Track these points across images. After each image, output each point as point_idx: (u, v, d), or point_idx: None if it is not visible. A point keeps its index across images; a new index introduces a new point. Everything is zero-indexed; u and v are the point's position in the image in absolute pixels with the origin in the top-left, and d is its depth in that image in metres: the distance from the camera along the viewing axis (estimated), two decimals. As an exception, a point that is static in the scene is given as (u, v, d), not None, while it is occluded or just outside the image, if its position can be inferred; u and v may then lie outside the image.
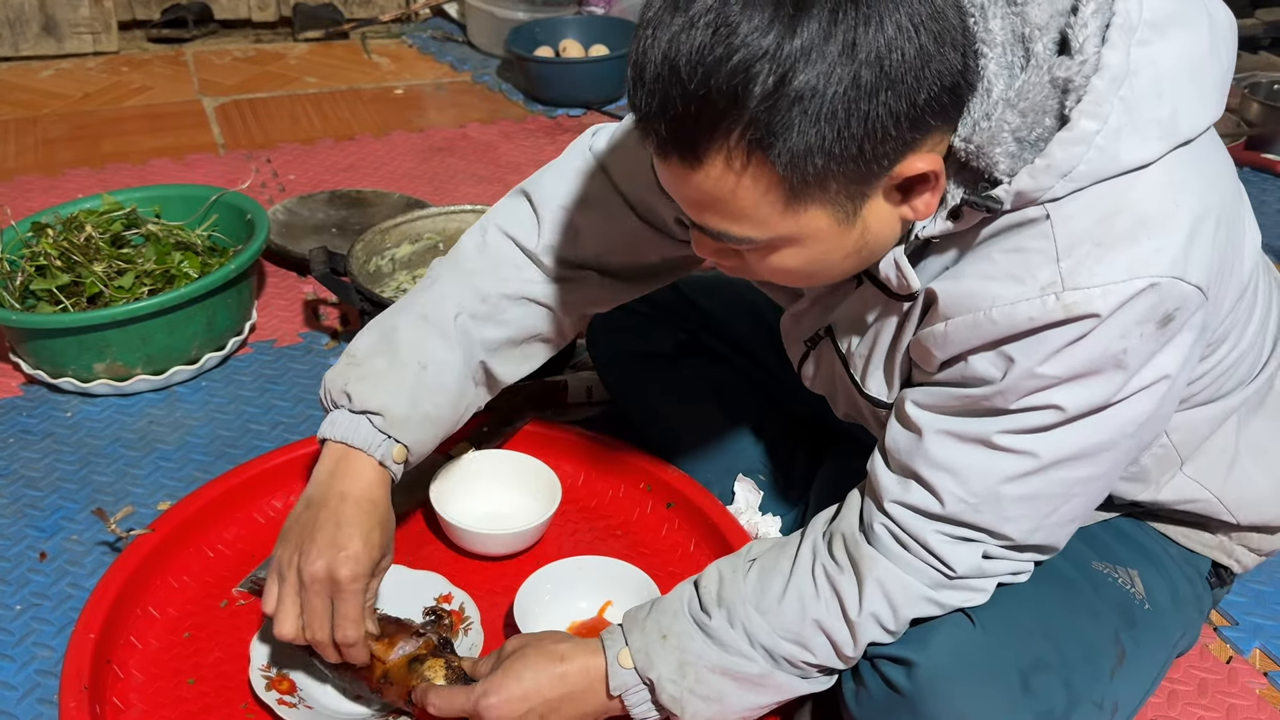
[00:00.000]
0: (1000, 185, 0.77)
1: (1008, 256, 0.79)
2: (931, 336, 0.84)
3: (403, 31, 3.02)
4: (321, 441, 1.04)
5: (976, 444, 0.84)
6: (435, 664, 0.99)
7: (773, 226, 0.77)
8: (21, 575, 1.25)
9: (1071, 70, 0.74)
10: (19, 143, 2.32)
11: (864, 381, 0.95)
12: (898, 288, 0.85)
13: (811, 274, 0.84)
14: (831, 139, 0.70)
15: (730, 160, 0.73)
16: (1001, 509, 0.85)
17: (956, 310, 0.81)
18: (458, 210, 1.75)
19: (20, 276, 1.54)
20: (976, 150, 0.76)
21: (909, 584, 0.87)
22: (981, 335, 0.80)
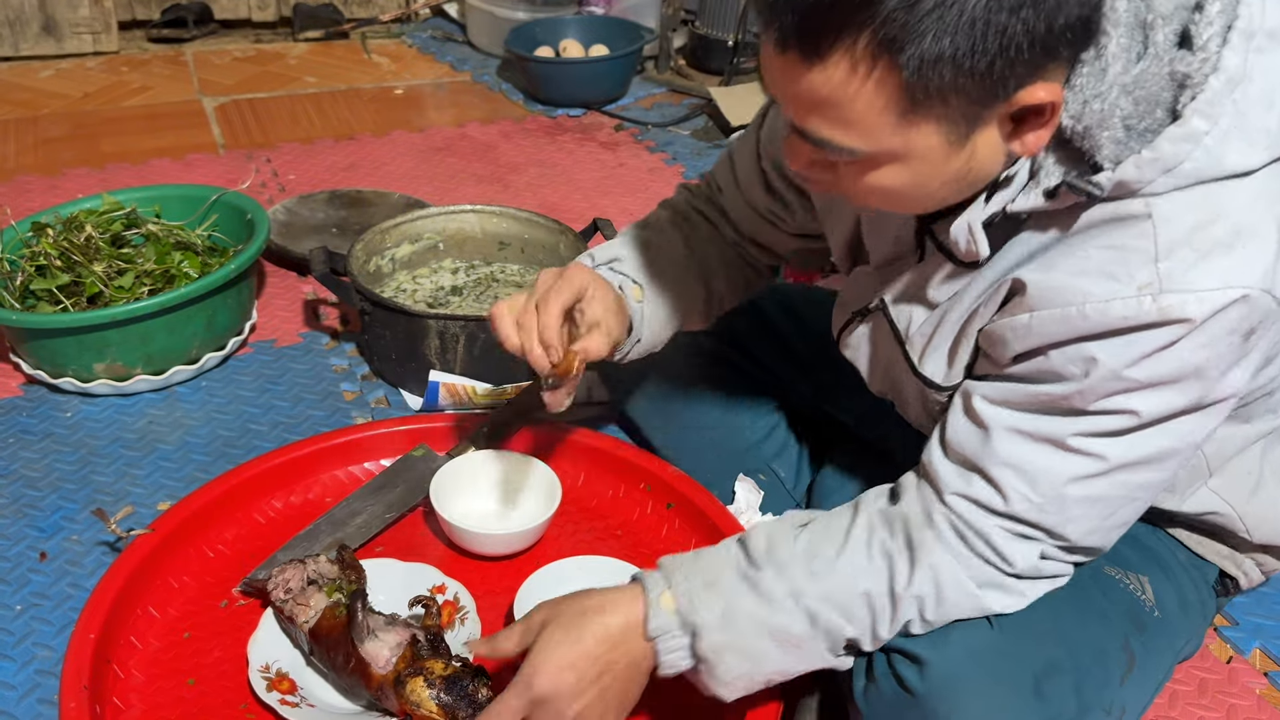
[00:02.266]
0: (1103, 171, 0.76)
1: (1105, 253, 0.78)
2: (1012, 327, 0.83)
3: (403, 31, 3.02)
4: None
5: (1048, 444, 0.83)
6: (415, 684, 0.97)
7: (882, 139, 0.74)
8: (22, 575, 1.25)
9: (1192, 66, 0.73)
10: (19, 142, 2.32)
11: (920, 362, 0.94)
12: (964, 254, 0.84)
13: (906, 197, 0.81)
14: (965, 50, 0.68)
15: (855, 59, 0.70)
16: (1065, 510, 0.84)
17: (1045, 303, 0.80)
18: (458, 210, 1.75)
19: (20, 276, 1.54)
20: (1084, 131, 0.75)
21: (960, 576, 0.87)
22: (1069, 330, 0.79)
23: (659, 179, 2.26)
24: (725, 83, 2.63)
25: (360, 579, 1.10)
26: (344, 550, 1.12)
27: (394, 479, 1.30)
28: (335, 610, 1.06)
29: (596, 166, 2.30)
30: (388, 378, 1.59)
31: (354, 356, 1.66)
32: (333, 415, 1.52)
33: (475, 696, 0.97)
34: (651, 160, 2.34)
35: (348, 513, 1.25)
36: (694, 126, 2.51)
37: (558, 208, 2.10)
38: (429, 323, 1.47)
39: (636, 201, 2.16)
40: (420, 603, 1.08)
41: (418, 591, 1.12)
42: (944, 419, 0.90)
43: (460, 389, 1.47)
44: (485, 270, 1.76)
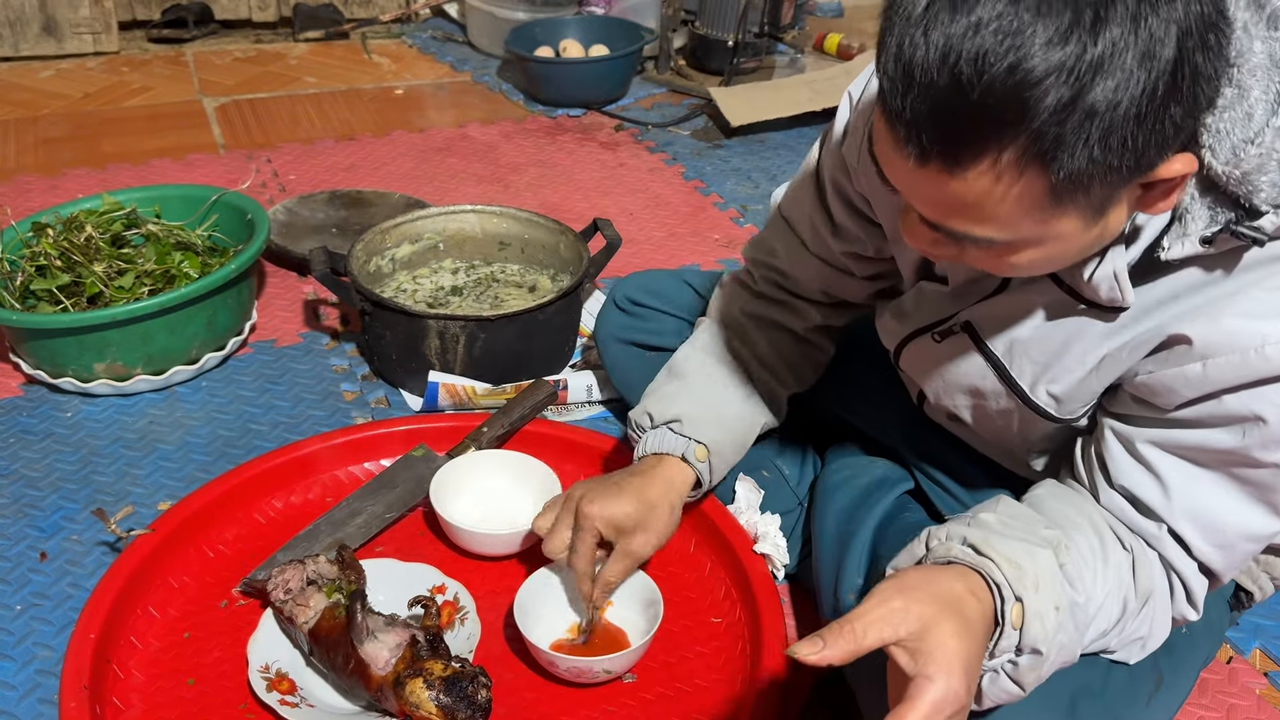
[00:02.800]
0: (1264, 215, 0.74)
1: (1273, 295, 0.77)
2: (1181, 377, 0.81)
3: (403, 31, 3.02)
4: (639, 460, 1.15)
5: (1227, 497, 0.84)
6: (414, 685, 0.97)
7: (1022, 229, 0.74)
8: (22, 575, 1.25)
9: None
10: (19, 143, 2.32)
11: (1033, 390, 0.93)
12: (1107, 300, 0.83)
13: (1038, 269, 0.80)
14: (1115, 150, 0.67)
15: (999, 169, 0.69)
16: (1232, 558, 0.87)
17: (1218, 350, 0.79)
18: (458, 210, 1.75)
19: (20, 276, 1.54)
20: (1241, 176, 0.74)
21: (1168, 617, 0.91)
22: (1248, 374, 0.78)
23: (659, 179, 2.26)
24: (725, 83, 2.63)
25: (360, 579, 1.10)
26: (344, 550, 1.12)
27: (394, 479, 1.30)
28: (335, 611, 1.06)
29: (597, 166, 2.30)
30: (388, 378, 1.59)
31: (354, 356, 1.66)
32: (333, 415, 1.52)
33: (474, 698, 0.97)
34: (652, 160, 2.34)
35: (348, 513, 1.25)
36: (694, 127, 2.51)
37: (558, 208, 2.11)
38: (429, 323, 1.47)
39: (637, 201, 2.16)
40: (419, 603, 1.08)
41: (418, 592, 1.13)
42: (1101, 460, 0.90)
43: (460, 389, 1.47)
44: (485, 270, 1.76)
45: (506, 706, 1.05)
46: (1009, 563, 0.80)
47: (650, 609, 1.10)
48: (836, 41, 2.85)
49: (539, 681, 1.08)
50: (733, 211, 2.13)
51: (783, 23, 2.70)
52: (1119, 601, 0.86)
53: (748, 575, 1.16)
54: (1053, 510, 0.89)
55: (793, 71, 2.76)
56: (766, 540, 1.22)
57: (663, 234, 2.04)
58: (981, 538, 0.82)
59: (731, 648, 1.12)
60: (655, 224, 2.08)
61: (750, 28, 2.61)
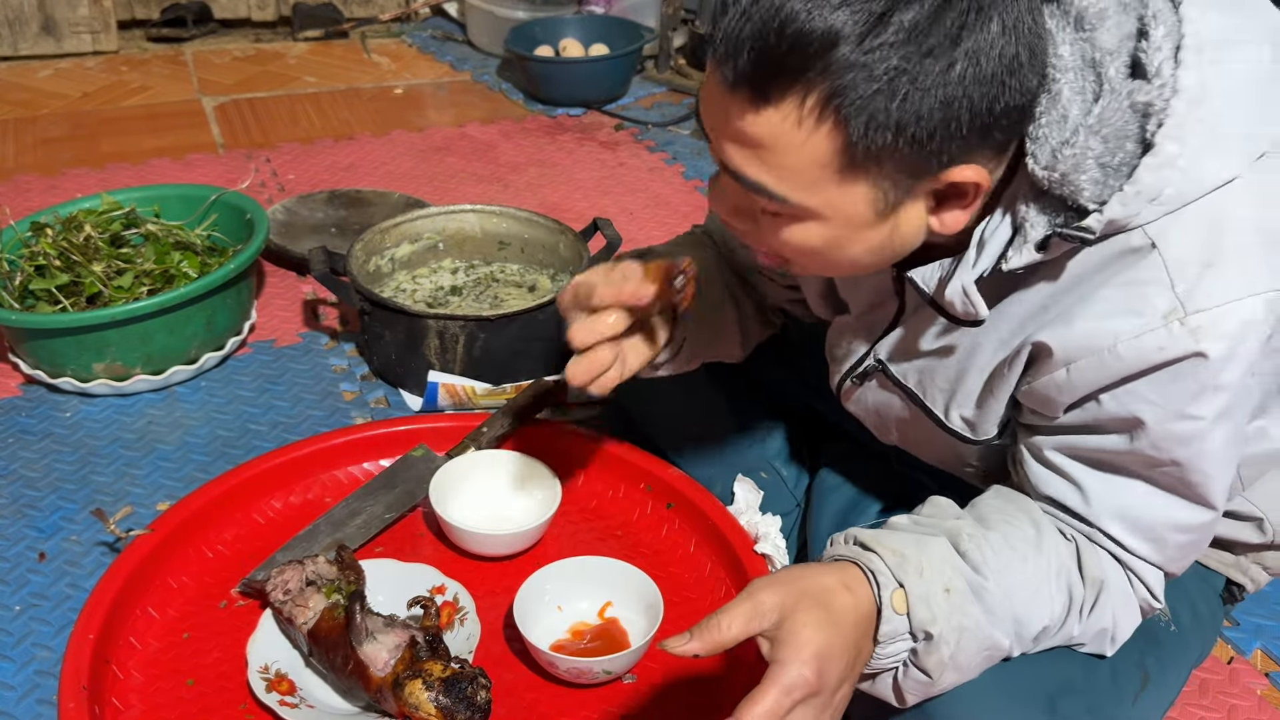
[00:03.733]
0: (1090, 214, 0.76)
1: (1121, 291, 0.78)
2: (1053, 384, 0.83)
3: (402, 31, 3.02)
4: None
5: (1137, 492, 0.85)
6: (413, 687, 0.97)
7: (813, 192, 0.76)
8: (21, 575, 1.25)
9: (1151, 94, 0.73)
10: (18, 142, 2.32)
11: (947, 416, 0.94)
12: (962, 315, 0.84)
13: (822, 256, 0.82)
14: (910, 117, 0.70)
15: (804, 110, 0.71)
16: (1165, 549, 0.87)
17: (1077, 354, 0.80)
18: (457, 210, 1.75)
19: (19, 276, 1.54)
20: (1061, 178, 0.75)
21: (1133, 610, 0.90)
22: (1110, 373, 0.79)
23: (659, 179, 2.26)
24: (725, 82, 2.63)
25: (359, 580, 1.09)
26: (343, 551, 1.12)
27: (394, 479, 1.30)
28: (334, 611, 1.05)
29: (596, 166, 2.30)
30: (387, 378, 1.59)
31: (353, 356, 1.66)
32: (332, 415, 1.52)
33: (474, 699, 0.97)
34: (651, 160, 2.34)
35: (347, 513, 1.25)
36: (694, 126, 2.51)
37: (558, 207, 2.10)
38: (429, 323, 1.47)
39: (637, 201, 2.16)
40: (419, 603, 1.08)
41: (417, 592, 1.12)
42: (1023, 471, 0.90)
43: (460, 389, 1.47)
44: (485, 270, 1.75)
45: (506, 707, 1.05)
46: (892, 552, 0.81)
47: (650, 609, 1.10)
48: (836, 41, 2.85)
49: (539, 682, 1.08)
50: (732, 211, 2.13)
51: (782, 22, 2.70)
52: (1060, 589, 0.85)
53: (748, 575, 1.15)
54: (989, 507, 0.90)
55: (792, 71, 2.75)
56: (767, 541, 1.22)
57: (663, 234, 2.04)
58: (871, 535, 0.84)
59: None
60: (655, 224, 2.08)
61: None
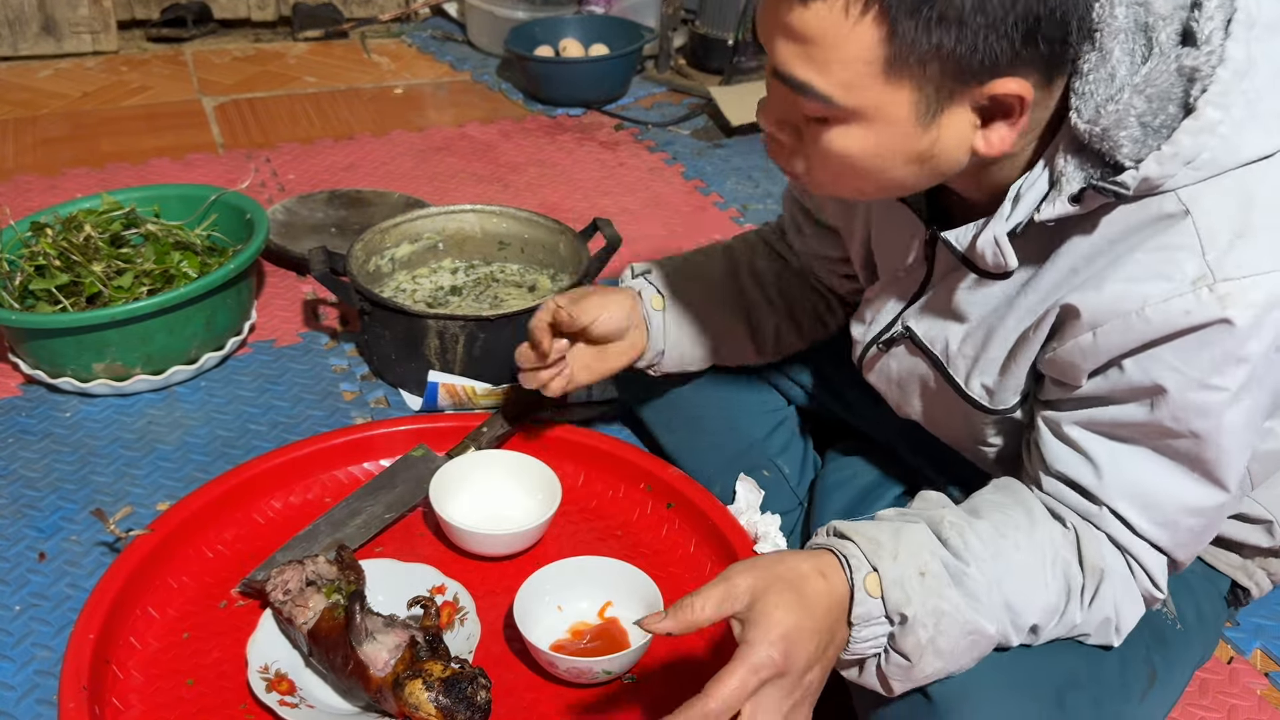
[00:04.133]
0: (1125, 171, 0.77)
1: (1152, 256, 0.78)
2: (1078, 349, 0.83)
3: (402, 31, 3.02)
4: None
5: (1154, 468, 0.84)
6: (413, 687, 0.97)
7: (856, 90, 0.76)
8: (21, 576, 1.25)
9: (1199, 60, 0.74)
10: (18, 142, 2.32)
11: (966, 383, 0.94)
12: (992, 266, 0.85)
13: (865, 169, 0.81)
14: (954, 18, 0.71)
15: (846, 3, 0.73)
16: (1178, 533, 0.86)
17: (1104, 317, 0.80)
18: (457, 210, 1.75)
19: (19, 276, 1.54)
20: (1102, 133, 0.76)
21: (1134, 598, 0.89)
22: (1135, 337, 0.79)
23: (659, 179, 2.26)
24: (725, 82, 2.63)
25: (359, 580, 1.09)
26: (343, 551, 1.12)
27: (394, 479, 1.30)
28: (334, 611, 1.05)
29: (596, 166, 2.30)
30: (387, 378, 1.59)
31: (353, 356, 1.66)
32: (332, 415, 1.52)
33: (474, 699, 0.97)
34: (651, 160, 2.34)
35: (347, 513, 1.25)
36: (694, 126, 2.51)
37: (558, 207, 2.10)
38: (428, 323, 1.47)
39: (637, 201, 2.16)
40: (419, 603, 1.08)
41: (417, 592, 1.12)
42: (1037, 450, 0.90)
43: (460, 389, 1.47)
44: (485, 270, 1.75)
45: (506, 707, 1.05)
46: (867, 539, 0.83)
47: (650, 609, 1.10)
48: (836, 41, 2.84)
49: (539, 682, 1.08)
50: (733, 211, 2.13)
51: (782, 22, 2.70)
52: (1056, 576, 0.85)
53: (748, 575, 1.15)
54: (983, 499, 0.90)
55: (792, 71, 2.75)
56: (767, 540, 1.22)
57: (663, 234, 2.04)
58: (850, 525, 0.86)
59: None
60: (655, 224, 2.08)
61: (750, 26, 2.60)
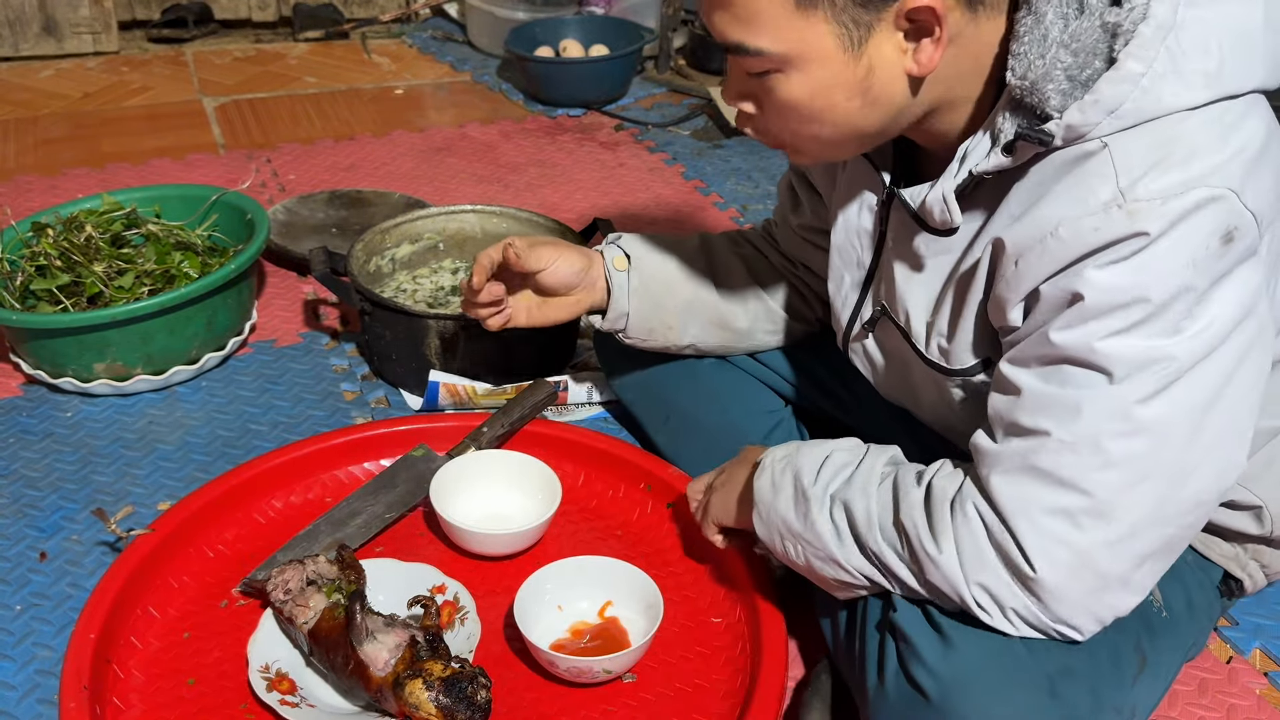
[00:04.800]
0: (1051, 120, 0.80)
1: (1069, 186, 0.82)
2: (1004, 283, 0.86)
3: (403, 31, 3.02)
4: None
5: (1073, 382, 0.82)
6: (414, 686, 0.97)
7: (780, 35, 0.83)
8: (21, 575, 1.25)
9: (1121, 16, 0.79)
10: (19, 142, 2.32)
11: (926, 348, 0.98)
12: (939, 223, 0.91)
13: (815, 110, 0.87)
14: None
15: None
16: (1100, 451, 0.81)
17: (1024, 244, 0.83)
18: (458, 210, 1.75)
19: (20, 276, 1.54)
20: (1031, 86, 0.81)
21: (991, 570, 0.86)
22: (1052, 259, 0.81)
23: (659, 179, 2.26)
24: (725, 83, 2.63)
25: (360, 579, 1.10)
26: (344, 550, 1.12)
27: (394, 479, 1.30)
28: (334, 611, 1.06)
29: (596, 166, 2.30)
30: (388, 378, 1.59)
31: (354, 356, 1.66)
32: (333, 415, 1.52)
33: (474, 698, 0.97)
34: (651, 160, 2.34)
35: (348, 513, 1.25)
36: (694, 126, 2.51)
37: (558, 208, 2.11)
38: (429, 323, 1.47)
39: (637, 201, 2.16)
40: (419, 603, 1.08)
41: (417, 591, 1.12)
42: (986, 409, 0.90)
43: (460, 389, 1.47)
44: (485, 270, 1.75)
45: (506, 706, 1.05)
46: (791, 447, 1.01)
47: (650, 609, 1.10)
48: (836, 41, 2.85)
49: (539, 681, 1.08)
50: (733, 211, 2.13)
51: (783, 22, 2.70)
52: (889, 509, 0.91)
53: (747, 575, 1.16)
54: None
55: (793, 71, 2.76)
56: (766, 540, 1.22)
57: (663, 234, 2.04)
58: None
59: (731, 648, 1.12)
60: (655, 224, 2.08)
61: None
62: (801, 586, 1.10)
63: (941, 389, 0.99)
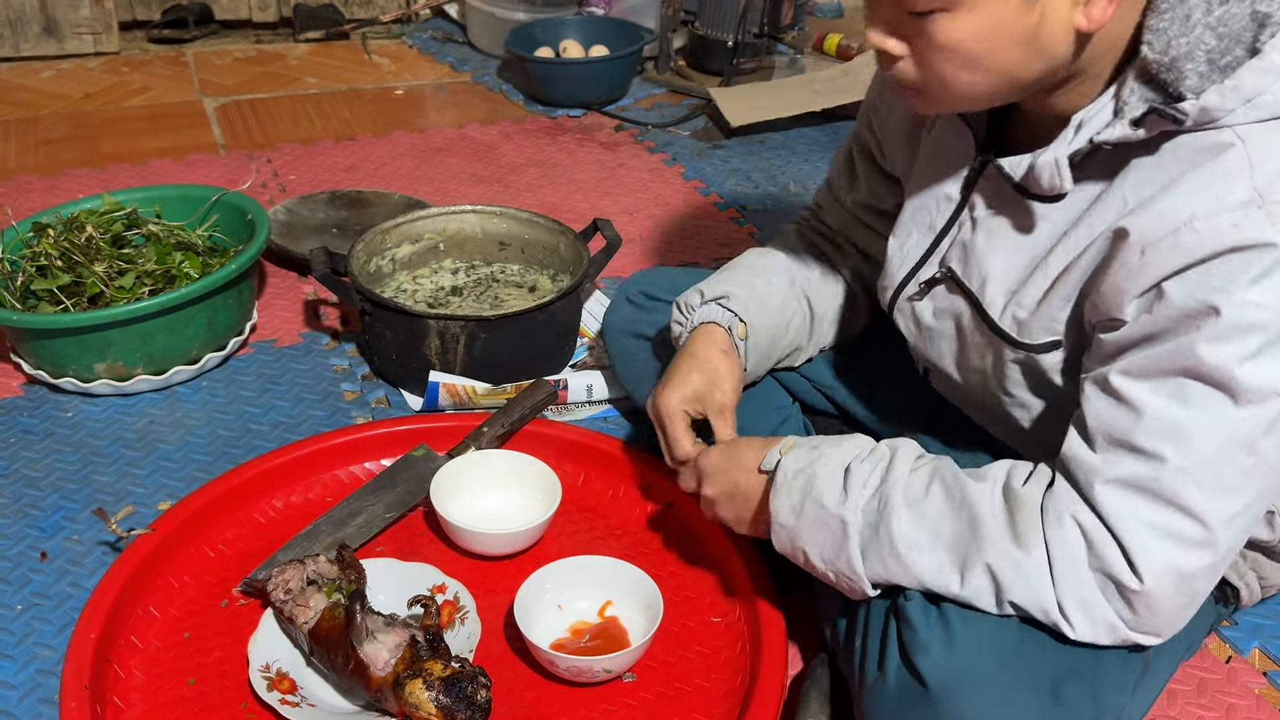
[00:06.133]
0: (1186, 100, 0.79)
1: (1201, 177, 0.80)
2: (1124, 271, 0.82)
3: (403, 32, 3.02)
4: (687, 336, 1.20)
5: (1200, 400, 0.80)
6: (414, 686, 0.97)
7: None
8: (22, 575, 1.25)
9: (1273, 7, 0.78)
10: (20, 143, 2.32)
11: (1001, 315, 0.95)
12: (1048, 188, 0.88)
13: (978, 54, 0.82)
14: None
15: None
16: (1220, 475, 0.80)
17: (1153, 235, 0.80)
18: (458, 210, 1.75)
19: (21, 277, 1.54)
20: (1170, 63, 0.79)
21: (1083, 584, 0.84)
22: (1183, 254, 0.79)
23: (659, 179, 2.26)
24: (725, 83, 2.63)
25: (360, 579, 1.10)
26: (344, 550, 1.12)
27: (394, 479, 1.30)
28: (335, 611, 1.06)
29: (597, 167, 2.31)
30: (388, 378, 1.60)
31: (354, 356, 1.66)
32: (333, 415, 1.53)
33: (474, 698, 0.97)
34: (652, 161, 2.34)
35: (348, 513, 1.25)
36: (694, 127, 2.51)
37: (558, 208, 2.11)
38: (429, 323, 1.48)
39: (637, 201, 2.16)
40: (419, 602, 1.08)
41: (418, 591, 1.13)
42: (1077, 412, 0.87)
43: (460, 389, 1.47)
44: (485, 270, 1.76)
45: (506, 706, 1.05)
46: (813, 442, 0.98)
47: (650, 609, 1.11)
48: (836, 42, 2.85)
49: (539, 681, 1.08)
50: (733, 211, 2.14)
51: (782, 23, 2.70)
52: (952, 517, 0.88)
53: (747, 575, 1.16)
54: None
55: (792, 72, 2.76)
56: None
57: (663, 234, 2.05)
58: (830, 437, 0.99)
59: (731, 647, 1.13)
60: (655, 224, 2.08)
61: (750, 28, 2.61)
62: (801, 581, 1.10)
63: (996, 362, 0.97)
